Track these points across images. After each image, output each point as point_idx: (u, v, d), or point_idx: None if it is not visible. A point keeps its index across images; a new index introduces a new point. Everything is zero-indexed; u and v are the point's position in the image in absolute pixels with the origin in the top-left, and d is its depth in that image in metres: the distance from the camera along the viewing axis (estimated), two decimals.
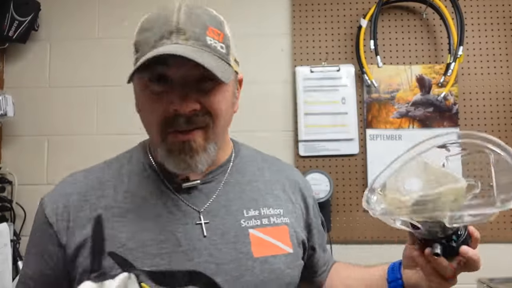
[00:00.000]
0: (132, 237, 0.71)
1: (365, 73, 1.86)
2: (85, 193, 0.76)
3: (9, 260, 1.57)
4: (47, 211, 0.76)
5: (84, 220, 0.73)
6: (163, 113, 0.69)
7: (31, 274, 0.76)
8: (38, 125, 1.97)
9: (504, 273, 1.70)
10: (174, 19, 0.67)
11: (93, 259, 0.70)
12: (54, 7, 2.01)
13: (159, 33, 0.67)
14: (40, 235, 0.76)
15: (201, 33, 0.68)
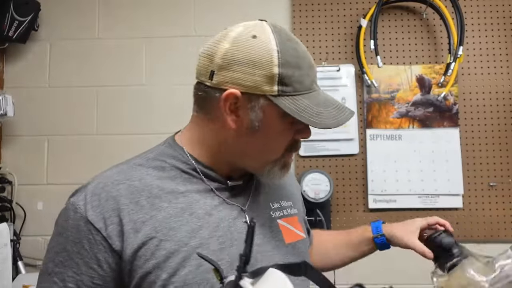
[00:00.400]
0: (193, 236, 0.72)
1: (365, 73, 1.86)
2: (133, 195, 0.73)
3: (9, 260, 1.57)
4: (90, 216, 0.71)
5: (138, 223, 0.71)
6: (292, 139, 0.79)
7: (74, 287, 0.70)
8: (38, 125, 1.97)
9: None
10: (313, 63, 0.78)
11: (160, 260, 0.69)
12: (54, 7, 2.01)
13: (310, 77, 0.76)
14: (84, 244, 0.70)
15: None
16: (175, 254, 0.70)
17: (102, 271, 0.70)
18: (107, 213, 0.71)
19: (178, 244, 0.71)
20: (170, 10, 2.00)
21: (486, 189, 1.86)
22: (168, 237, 0.71)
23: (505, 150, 1.88)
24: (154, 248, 0.70)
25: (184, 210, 0.74)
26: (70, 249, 0.71)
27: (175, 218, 0.73)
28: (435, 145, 1.88)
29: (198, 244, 0.72)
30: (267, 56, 0.71)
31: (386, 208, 1.85)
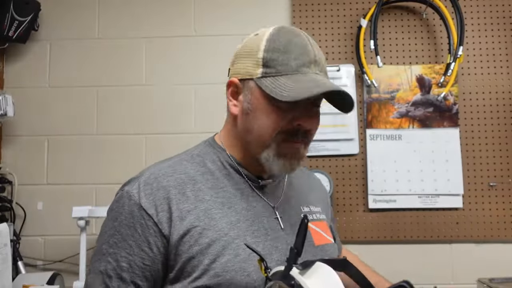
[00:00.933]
0: (232, 228, 0.78)
1: (365, 73, 1.86)
2: (180, 186, 0.81)
3: (9, 260, 1.57)
4: (144, 203, 0.77)
5: (184, 212, 0.78)
6: (286, 125, 0.79)
7: (126, 267, 0.76)
8: (38, 125, 1.96)
9: (504, 273, 1.70)
10: (311, 50, 0.79)
11: (202, 247, 0.75)
12: (54, 7, 2.01)
13: (301, 60, 0.78)
14: (137, 227, 0.77)
15: (325, 65, 0.83)
16: (216, 242, 0.76)
17: (152, 253, 0.76)
18: (158, 201, 0.78)
19: (219, 234, 0.77)
20: (170, 10, 2.00)
21: (486, 189, 1.86)
22: (210, 227, 0.77)
23: (505, 150, 1.88)
24: (197, 236, 0.76)
25: (223, 204, 0.81)
26: (124, 232, 0.77)
27: (215, 210, 0.80)
28: (435, 145, 1.88)
29: (236, 235, 0.78)
30: (257, 46, 0.80)
31: (386, 208, 1.85)
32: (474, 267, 1.80)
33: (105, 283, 0.76)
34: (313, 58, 0.79)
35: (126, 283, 0.76)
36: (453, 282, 1.84)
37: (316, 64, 0.79)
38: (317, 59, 0.79)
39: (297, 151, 0.81)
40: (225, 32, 1.97)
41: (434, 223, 1.85)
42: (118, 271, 0.76)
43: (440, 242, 1.86)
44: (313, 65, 0.79)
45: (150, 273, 0.77)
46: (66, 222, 1.80)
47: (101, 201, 1.88)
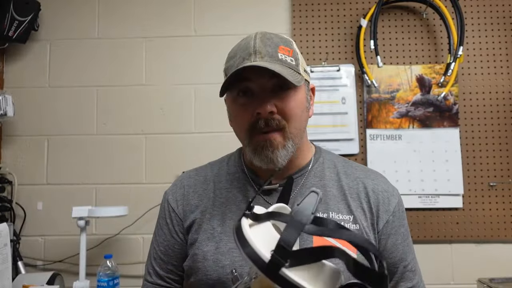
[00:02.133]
0: (222, 224, 0.89)
1: (365, 73, 1.86)
2: (195, 186, 0.97)
3: (9, 260, 1.57)
4: (170, 199, 0.97)
5: (193, 207, 0.94)
6: (250, 119, 0.84)
7: (163, 251, 0.95)
8: (38, 125, 1.97)
9: (504, 273, 1.70)
10: (251, 45, 0.84)
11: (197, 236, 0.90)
12: (54, 7, 2.01)
13: (241, 57, 0.83)
14: (167, 218, 0.96)
15: (274, 51, 0.83)
16: (204, 234, 0.89)
17: (179, 239, 0.94)
18: (179, 196, 0.96)
19: (209, 228, 0.90)
20: (170, 10, 2.00)
21: (486, 189, 1.86)
22: (206, 221, 0.91)
23: (505, 150, 1.88)
24: (197, 227, 0.91)
25: (222, 204, 0.92)
26: (161, 223, 0.98)
27: (215, 208, 0.92)
28: (435, 145, 1.88)
29: (222, 231, 0.88)
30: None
31: None
32: (474, 267, 1.80)
33: (151, 264, 0.97)
34: (252, 50, 0.82)
35: (165, 263, 0.95)
36: (453, 282, 1.84)
37: (257, 53, 0.82)
38: (257, 49, 0.82)
39: (267, 142, 0.83)
40: (225, 32, 1.97)
41: (434, 223, 1.85)
42: (159, 253, 0.96)
43: (440, 242, 1.86)
44: (253, 55, 0.82)
45: (181, 255, 0.94)
46: (66, 222, 1.80)
47: (101, 201, 1.88)
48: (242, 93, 0.85)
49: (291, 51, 0.86)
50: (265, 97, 0.82)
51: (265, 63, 0.80)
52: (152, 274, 0.97)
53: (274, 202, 0.81)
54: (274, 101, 0.82)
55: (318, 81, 1.90)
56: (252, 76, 0.82)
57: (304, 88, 0.89)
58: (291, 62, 0.85)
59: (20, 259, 1.82)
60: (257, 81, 0.82)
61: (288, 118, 0.83)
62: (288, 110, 0.83)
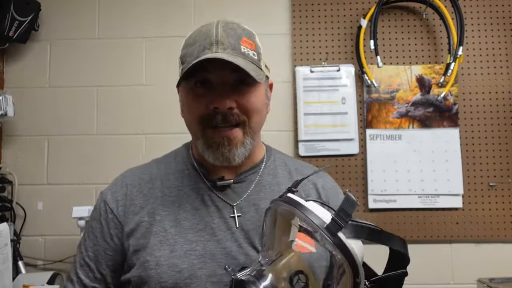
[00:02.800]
0: (175, 225, 0.82)
1: (365, 73, 1.86)
2: (139, 185, 0.88)
3: (9, 260, 1.57)
4: (108, 198, 0.88)
5: (137, 208, 0.85)
6: (204, 111, 0.79)
7: (92, 256, 0.86)
8: (38, 125, 1.97)
9: (504, 273, 1.70)
10: (213, 33, 0.79)
11: (145, 241, 0.82)
12: (54, 7, 2.01)
13: (202, 46, 0.79)
14: (101, 220, 0.87)
15: (236, 43, 0.79)
16: (156, 237, 0.81)
17: (113, 244, 0.85)
18: (119, 197, 0.87)
19: (160, 230, 0.82)
20: (170, 10, 2.00)
21: (486, 189, 1.86)
22: (156, 222, 0.83)
23: (505, 150, 1.88)
24: (144, 230, 0.83)
25: (173, 203, 0.85)
26: (93, 226, 0.88)
27: (164, 208, 0.84)
28: (435, 145, 1.88)
29: (176, 232, 0.82)
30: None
31: (386, 208, 1.85)
32: (474, 267, 1.80)
33: (75, 270, 0.87)
34: (213, 39, 0.78)
35: (92, 270, 0.86)
36: (453, 282, 1.84)
37: (219, 43, 0.77)
38: (219, 39, 0.78)
39: (225, 139, 0.79)
40: None
41: (434, 223, 1.85)
42: (86, 259, 0.86)
43: (440, 242, 1.86)
44: (215, 45, 0.77)
45: (112, 262, 0.85)
46: (66, 222, 1.80)
47: None
48: (199, 83, 0.80)
49: (254, 45, 0.82)
50: (224, 91, 0.78)
51: (228, 55, 0.76)
52: (75, 282, 0.86)
53: (229, 199, 0.85)
54: (234, 96, 0.79)
55: (318, 81, 1.90)
56: (212, 68, 0.77)
57: (264, 84, 0.86)
58: (253, 56, 0.81)
59: (21, 259, 1.82)
60: (218, 73, 0.78)
61: (249, 113, 0.80)
62: (248, 105, 0.80)
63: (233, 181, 0.87)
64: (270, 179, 0.90)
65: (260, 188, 0.88)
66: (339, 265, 0.56)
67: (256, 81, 0.77)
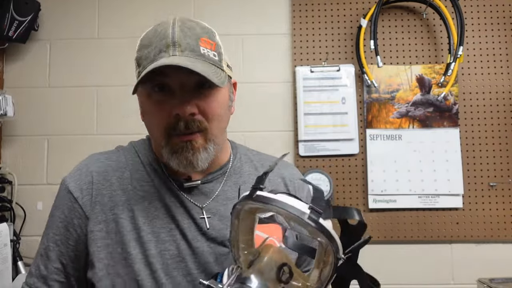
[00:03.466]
0: (147, 222, 0.80)
1: (365, 73, 1.86)
2: (105, 173, 0.84)
3: (9, 260, 1.57)
4: (71, 187, 0.84)
5: (105, 198, 0.81)
6: (167, 119, 0.76)
7: (53, 246, 0.82)
8: (38, 125, 1.96)
9: (504, 273, 1.70)
10: (170, 34, 0.75)
11: (114, 237, 0.79)
12: (54, 7, 2.01)
13: (158, 48, 0.75)
14: (64, 209, 0.83)
15: (195, 44, 0.75)
16: (128, 235, 0.79)
17: (76, 234, 0.81)
18: (84, 185, 0.83)
19: (133, 227, 0.79)
20: (170, 10, 2.00)
21: (486, 189, 1.86)
22: (127, 218, 0.80)
23: (505, 150, 1.88)
24: (113, 225, 0.79)
25: (144, 198, 0.82)
26: (55, 215, 0.84)
27: (134, 202, 0.81)
28: (435, 145, 1.88)
29: (149, 231, 0.79)
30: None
31: (386, 208, 1.85)
32: (474, 267, 1.80)
33: (36, 262, 0.83)
34: (170, 41, 0.74)
35: (52, 261, 0.81)
36: (453, 282, 1.84)
37: (176, 45, 0.74)
38: (176, 40, 0.74)
39: (187, 143, 0.77)
40: (225, 32, 1.97)
41: (434, 223, 1.85)
42: (47, 250, 0.82)
43: (440, 242, 1.86)
44: (171, 47, 0.74)
45: (74, 253, 0.81)
46: None
47: None
48: (157, 88, 0.77)
49: (213, 44, 0.78)
50: (184, 96, 0.75)
51: (186, 59, 0.73)
52: (33, 275, 0.82)
53: (197, 200, 0.83)
54: (195, 101, 0.76)
55: (318, 81, 1.90)
56: (170, 71, 0.73)
57: (227, 85, 0.82)
58: (214, 57, 0.77)
59: (20, 259, 1.82)
60: (176, 77, 0.75)
61: (210, 119, 0.77)
62: (210, 111, 0.77)
63: (201, 182, 0.85)
64: (236, 178, 0.89)
65: (227, 188, 0.87)
66: (323, 248, 0.62)
67: (220, 86, 0.74)
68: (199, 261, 0.79)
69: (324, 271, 0.62)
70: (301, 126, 1.89)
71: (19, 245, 1.86)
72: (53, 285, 0.81)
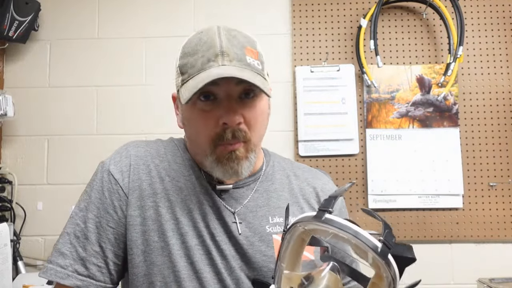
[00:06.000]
0: (184, 214, 0.80)
1: (365, 73, 1.86)
2: (145, 158, 0.85)
3: (9, 260, 1.57)
4: (112, 169, 0.83)
5: (144, 183, 0.82)
6: (214, 129, 0.77)
7: (93, 228, 0.80)
8: (38, 125, 1.97)
9: (504, 273, 1.70)
10: (217, 43, 0.76)
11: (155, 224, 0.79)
12: (54, 7, 2.01)
13: (206, 57, 0.75)
14: (104, 191, 0.82)
15: (242, 54, 0.77)
16: (167, 224, 0.79)
17: (116, 216, 0.81)
18: (124, 167, 0.83)
19: (171, 217, 0.80)
20: (170, 10, 2.00)
21: (486, 189, 1.86)
22: (165, 207, 0.80)
23: (505, 150, 1.88)
24: (153, 212, 0.80)
25: (181, 190, 0.82)
26: (94, 196, 0.83)
27: (173, 193, 0.82)
28: (435, 145, 1.88)
29: (187, 223, 0.79)
30: (177, 56, 0.82)
31: (386, 208, 1.85)
32: (474, 267, 1.80)
33: (71, 243, 0.80)
34: (218, 50, 0.75)
35: (91, 243, 0.80)
36: (453, 282, 1.84)
37: (224, 55, 0.75)
38: (224, 50, 0.75)
39: (232, 154, 0.78)
40: None
41: (434, 223, 1.85)
42: (85, 231, 0.80)
43: (440, 242, 1.86)
44: (220, 57, 0.75)
45: (114, 235, 0.80)
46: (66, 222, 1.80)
47: None
48: (203, 96, 0.77)
49: (257, 53, 0.80)
50: (231, 105, 0.76)
51: (236, 68, 0.74)
52: (67, 256, 0.79)
53: (229, 204, 0.84)
54: (240, 110, 0.77)
55: (318, 81, 1.90)
56: (219, 81, 0.73)
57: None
58: (258, 66, 0.78)
59: (20, 259, 1.82)
60: (224, 86, 0.75)
61: (253, 129, 0.79)
62: (254, 120, 0.79)
63: (232, 187, 0.85)
64: (268, 186, 0.89)
65: (258, 195, 0.87)
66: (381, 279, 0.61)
67: (268, 95, 0.76)
68: (226, 263, 0.80)
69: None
70: (301, 126, 1.89)
71: (19, 245, 1.86)
72: (92, 268, 0.79)
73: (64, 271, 0.78)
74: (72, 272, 0.78)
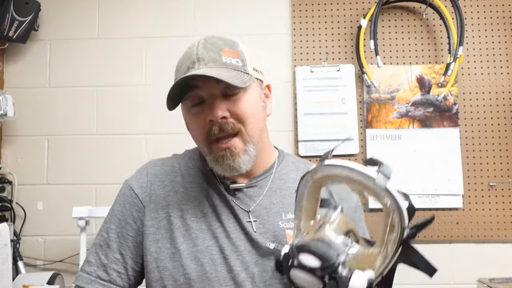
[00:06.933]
0: (196, 220, 0.86)
1: (365, 73, 1.86)
2: (161, 175, 0.93)
3: (9, 260, 1.57)
4: (133, 185, 0.92)
5: (159, 197, 0.89)
6: (203, 128, 0.83)
7: (114, 238, 0.89)
8: (38, 125, 1.97)
9: (504, 273, 1.70)
10: (194, 52, 0.83)
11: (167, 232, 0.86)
12: (54, 7, 2.01)
13: (186, 66, 0.83)
14: (125, 204, 0.91)
15: (217, 55, 0.83)
16: (179, 231, 0.85)
17: (135, 226, 0.89)
18: (144, 183, 0.92)
19: (183, 224, 0.86)
20: (170, 10, 2.00)
21: (486, 189, 1.86)
22: (177, 216, 0.87)
23: (505, 150, 1.88)
24: (166, 222, 0.86)
25: (195, 198, 0.88)
26: (116, 209, 0.92)
27: (186, 202, 0.88)
28: (435, 145, 1.88)
29: (198, 228, 0.85)
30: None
31: None
32: (474, 267, 1.80)
33: (96, 252, 0.89)
34: (195, 58, 0.82)
35: (112, 251, 0.88)
36: (453, 282, 1.84)
37: (200, 60, 0.82)
38: (200, 56, 0.82)
39: (227, 151, 0.82)
40: (225, 32, 1.95)
41: (434, 223, 1.84)
42: (108, 241, 0.89)
43: (440, 242, 1.86)
44: (197, 63, 0.82)
45: (133, 243, 0.88)
46: (66, 222, 1.80)
47: (101, 201, 1.88)
48: (194, 102, 0.84)
49: (236, 52, 0.85)
50: (214, 103, 0.81)
51: (208, 69, 0.80)
52: (92, 263, 0.88)
53: (243, 203, 0.88)
54: (225, 105, 0.81)
55: (318, 81, 1.90)
56: (200, 84, 0.81)
57: (256, 87, 0.87)
58: (236, 63, 0.84)
59: (20, 259, 1.82)
60: (205, 87, 0.82)
61: (242, 120, 0.83)
62: (240, 112, 0.82)
63: (245, 186, 0.89)
64: (281, 184, 0.91)
65: (271, 193, 0.90)
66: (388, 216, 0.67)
67: (242, 86, 0.80)
68: (241, 259, 0.83)
69: (389, 245, 0.67)
70: (301, 126, 1.89)
71: (19, 245, 1.86)
72: (112, 274, 0.87)
73: (89, 277, 0.87)
74: (95, 278, 0.87)
